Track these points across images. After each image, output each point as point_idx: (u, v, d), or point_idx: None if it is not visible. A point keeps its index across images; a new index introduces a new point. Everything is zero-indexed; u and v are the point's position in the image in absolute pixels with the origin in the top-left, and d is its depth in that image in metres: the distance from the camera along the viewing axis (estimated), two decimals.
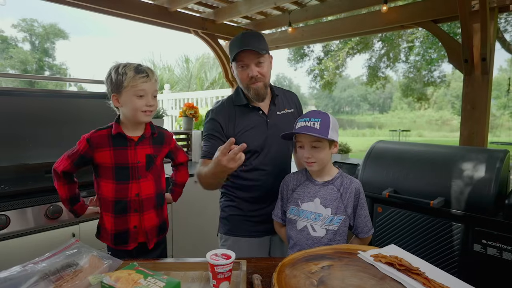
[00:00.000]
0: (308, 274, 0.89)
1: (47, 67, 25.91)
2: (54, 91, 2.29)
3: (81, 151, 1.22)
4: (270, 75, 1.39)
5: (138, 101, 1.20)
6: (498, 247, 1.56)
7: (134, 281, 0.77)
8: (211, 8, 3.50)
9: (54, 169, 1.26)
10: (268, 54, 1.35)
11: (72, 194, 1.31)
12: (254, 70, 1.30)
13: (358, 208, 1.18)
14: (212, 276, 0.92)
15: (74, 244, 0.97)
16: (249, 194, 1.41)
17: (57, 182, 1.27)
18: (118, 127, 1.24)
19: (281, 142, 1.38)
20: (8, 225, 1.63)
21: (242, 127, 1.37)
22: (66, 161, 1.24)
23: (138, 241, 1.29)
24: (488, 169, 1.64)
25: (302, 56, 11.15)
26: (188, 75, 11.41)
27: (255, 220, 1.42)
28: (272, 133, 1.39)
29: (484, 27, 2.25)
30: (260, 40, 1.33)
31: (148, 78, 1.21)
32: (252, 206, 1.42)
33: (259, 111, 1.40)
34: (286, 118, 1.44)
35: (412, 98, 13.36)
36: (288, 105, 1.49)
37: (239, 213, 1.43)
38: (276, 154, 1.40)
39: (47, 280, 0.81)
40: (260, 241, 1.44)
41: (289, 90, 1.57)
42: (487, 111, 2.44)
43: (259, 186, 1.39)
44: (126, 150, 1.24)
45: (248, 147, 1.27)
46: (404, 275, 0.87)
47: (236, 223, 1.44)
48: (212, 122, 1.38)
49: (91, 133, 1.24)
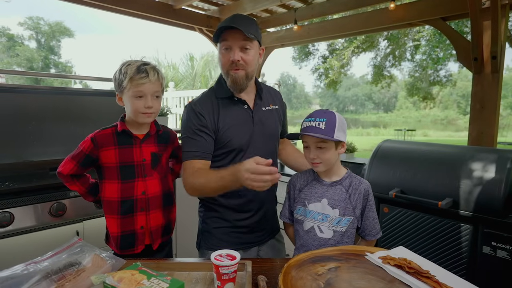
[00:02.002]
0: (314, 276, 0.87)
1: (52, 65, 26.11)
2: (59, 88, 2.29)
3: (86, 150, 1.20)
4: (256, 66, 1.23)
5: (136, 102, 1.16)
6: (508, 249, 1.53)
7: (137, 282, 0.76)
8: (216, 6, 3.48)
9: (59, 172, 1.24)
10: (258, 41, 1.21)
11: (87, 185, 1.30)
12: (237, 54, 1.16)
13: (366, 210, 1.15)
14: (216, 277, 0.90)
15: (77, 243, 0.96)
16: (233, 201, 1.26)
17: (67, 183, 1.26)
18: (123, 125, 1.23)
19: (267, 140, 1.31)
20: (12, 222, 1.63)
21: (227, 122, 1.22)
22: (71, 163, 1.22)
23: (145, 243, 1.27)
24: (498, 169, 1.60)
25: (306, 55, 11.11)
26: (193, 73, 11.42)
27: (243, 230, 1.29)
28: (257, 129, 1.26)
29: (495, 25, 2.21)
30: (251, 23, 1.18)
31: (147, 78, 1.15)
32: (238, 215, 1.28)
33: (245, 105, 1.26)
34: (271, 114, 1.33)
35: (417, 97, 13.25)
36: (272, 101, 1.36)
37: (224, 224, 1.29)
38: (262, 153, 1.19)
39: (49, 279, 0.79)
40: (247, 254, 1.29)
41: (271, 86, 1.45)
42: (496, 111, 2.40)
43: (244, 191, 1.21)
44: (132, 148, 1.23)
45: (232, 146, 1.22)
46: (414, 278, 0.85)
47: (222, 236, 1.29)
48: (196, 116, 1.21)
49: (96, 133, 1.22)
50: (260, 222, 1.31)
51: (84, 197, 1.33)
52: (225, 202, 1.27)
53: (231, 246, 1.24)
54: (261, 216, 1.31)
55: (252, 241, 1.32)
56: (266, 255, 1.36)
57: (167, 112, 2.99)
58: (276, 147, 1.37)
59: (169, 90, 6.27)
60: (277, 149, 1.39)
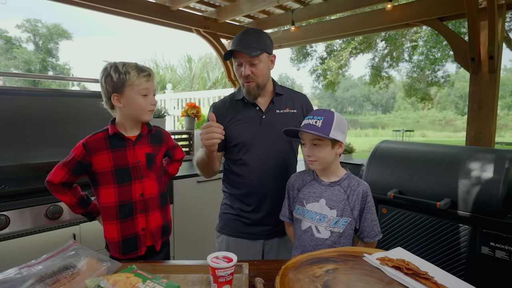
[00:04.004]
0: (312, 278, 0.86)
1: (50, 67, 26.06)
2: (55, 90, 2.27)
3: (77, 157, 1.17)
4: (267, 74, 1.36)
5: (143, 100, 1.20)
6: (506, 249, 1.53)
7: (132, 285, 0.75)
8: (213, 7, 3.47)
9: (48, 181, 1.20)
10: (266, 53, 1.32)
11: (78, 197, 1.27)
12: (247, 69, 1.30)
13: (365, 211, 1.14)
14: (213, 279, 0.89)
15: (72, 246, 0.95)
16: (238, 191, 1.41)
17: (56, 193, 1.23)
18: (114, 128, 1.21)
19: (277, 140, 1.36)
20: (8, 225, 1.62)
21: (234, 119, 1.38)
22: (62, 171, 1.19)
23: (147, 244, 1.25)
24: (497, 169, 1.60)
25: (304, 56, 11.11)
26: (191, 75, 11.41)
27: (247, 222, 1.40)
28: (265, 130, 1.37)
29: (492, 25, 2.21)
30: (259, 39, 1.31)
31: (150, 77, 1.22)
32: (243, 206, 1.40)
33: (256, 107, 1.39)
34: (285, 117, 1.41)
35: (415, 98, 13.26)
36: (291, 105, 1.44)
37: (230, 211, 1.44)
38: (266, 152, 1.37)
39: (43, 283, 0.78)
40: (252, 243, 1.40)
41: (300, 92, 1.54)
42: (494, 111, 2.40)
43: (245, 183, 1.38)
44: (125, 150, 1.21)
45: (235, 140, 1.38)
46: (412, 279, 0.84)
47: (227, 221, 1.45)
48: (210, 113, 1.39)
49: (87, 138, 1.20)
50: (265, 218, 1.38)
51: (74, 209, 1.29)
52: (229, 190, 1.45)
53: (235, 233, 1.42)
54: (267, 212, 1.38)
55: (256, 233, 1.40)
56: (271, 251, 1.42)
57: (164, 114, 2.98)
58: (288, 148, 1.42)
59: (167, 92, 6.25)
60: (292, 148, 1.44)
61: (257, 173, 1.37)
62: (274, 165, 1.38)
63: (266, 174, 1.36)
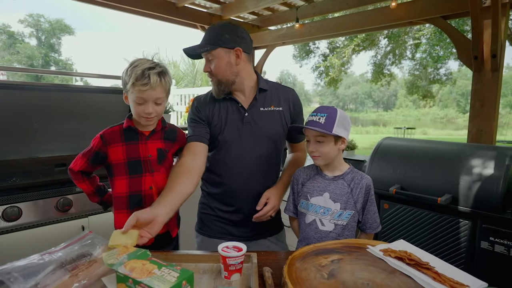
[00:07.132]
0: (318, 267, 0.90)
1: (53, 62, 26.09)
2: (62, 85, 2.31)
3: (95, 147, 1.23)
4: (227, 70, 1.26)
5: (137, 107, 1.17)
6: (506, 244, 1.56)
7: (149, 271, 0.79)
8: (218, 4, 3.49)
9: (70, 169, 1.27)
10: (222, 47, 1.23)
11: (95, 186, 1.34)
12: (206, 66, 1.28)
13: (368, 204, 1.18)
14: (223, 268, 0.93)
15: (88, 235, 0.99)
16: (215, 190, 1.37)
17: (76, 181, 1.29)
18: (129, 122, 1.25)
19: (259, 139, 1.32)
20: (20, 216, 1.66)
21: (218, 117, 1.32)
22: (81, 160, 1.26)
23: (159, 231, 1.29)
24: (497, 166, 1.63)
25: (307, 53, 11.11)
26: (194, 71, 11.40)
27: (225, 222, 1.36)
28: (247, 128, 1.31)
29: (496, 24, 2.23)
30: (213, 34, 1.24)
31: (149, 85, 1.12)
32: (221, 206, 1.36)
33: (239, 103, 1.32)
34: (269, 115, 1.34)
35: (417, 95, 13.25)
36: (277, 102, 1.36)
37: (208, 211, 1.40)
38: (247, 151, 1.30)
39: (64, 268, 0.83)
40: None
41: (288, 87, 1.44)
42: (496, 109, 2.42)
43: (222, 183, 1.34)
44: (138, 144, 1.25)
45: (220, 138, 1.32)
46: (414, 269, 0.88)
47: (206, 222, 1.41)
48: (196, 109, 1.36)
49: (105, 130, 1.26)
50: (246, 219, 1.31)
51: (90, 197, 1.35)
52: (211, 190, 1.39)
53: (214, 233, 1.38)
54: (248, 213, 1.30)
55: (235, 235, 1.35)
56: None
57: (169, 110, 3.02)
58: (273, 147, 1.36)
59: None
60: (276, 149, 1.38)
61: (236, 172, 1.31)
62: (255, 166, 1.32)
63: (246, 174, 1.31)
